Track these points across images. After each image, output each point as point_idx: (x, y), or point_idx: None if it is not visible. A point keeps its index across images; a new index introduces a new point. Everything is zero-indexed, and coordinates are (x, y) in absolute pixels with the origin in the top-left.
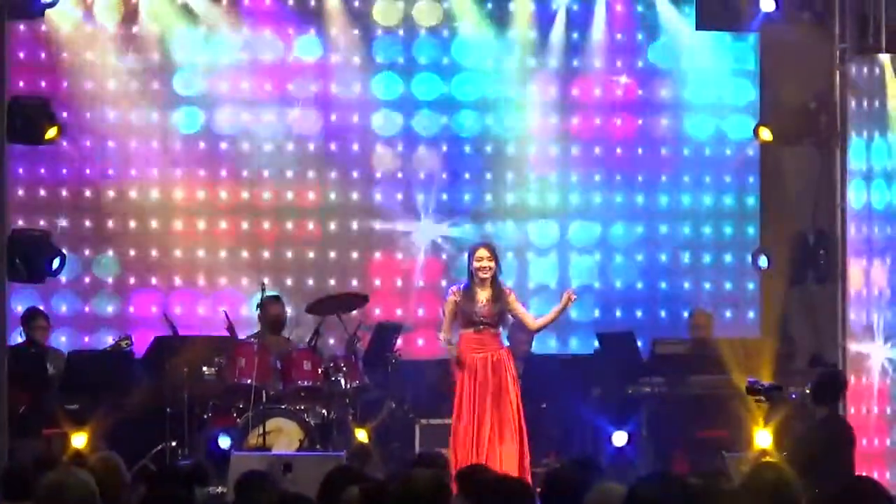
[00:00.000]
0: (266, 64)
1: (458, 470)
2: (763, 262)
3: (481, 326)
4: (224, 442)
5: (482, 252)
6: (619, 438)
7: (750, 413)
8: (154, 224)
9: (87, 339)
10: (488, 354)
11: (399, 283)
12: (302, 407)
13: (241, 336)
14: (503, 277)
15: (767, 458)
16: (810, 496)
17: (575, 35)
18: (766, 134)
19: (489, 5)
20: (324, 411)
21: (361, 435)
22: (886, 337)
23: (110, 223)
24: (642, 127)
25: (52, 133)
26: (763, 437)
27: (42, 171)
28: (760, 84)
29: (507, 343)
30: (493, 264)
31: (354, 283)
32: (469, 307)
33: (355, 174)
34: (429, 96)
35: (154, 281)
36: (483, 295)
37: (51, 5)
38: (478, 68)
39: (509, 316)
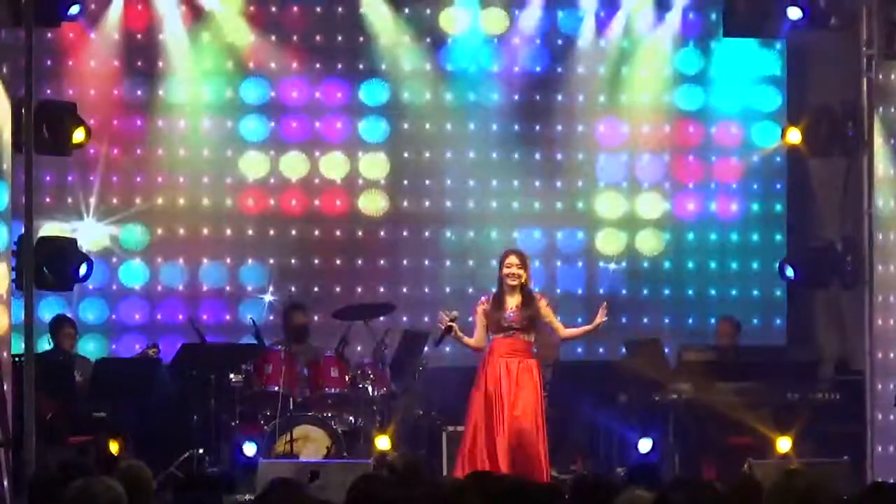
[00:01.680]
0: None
1: (469, 475)
2: (789, 270)
3: (511, 332)
4: (249, 449)
5: (511, 259)
6: (645, 445)
7: (772, 420)
8: (182, 231)
9: (114, 346)
10: (518, 360)
11: (426, 290)
12: (329, 414)
13: (268, 343)
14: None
15: (794, 465)
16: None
17: (602, 42)
18: (794, 135)
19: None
20: (351, 418)
21: (383, 441)
22: None
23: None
24: (669, 134)
25: (80, 137)
26: (783, 443)
27: (70, 178)
28: (787, 90)
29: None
30: (521, 271)
31: (382, 290)
32: (498, 314)
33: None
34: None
35: (181, 288)
36: (512, 301)
37: (77, 15)
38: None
39: (541, 323)
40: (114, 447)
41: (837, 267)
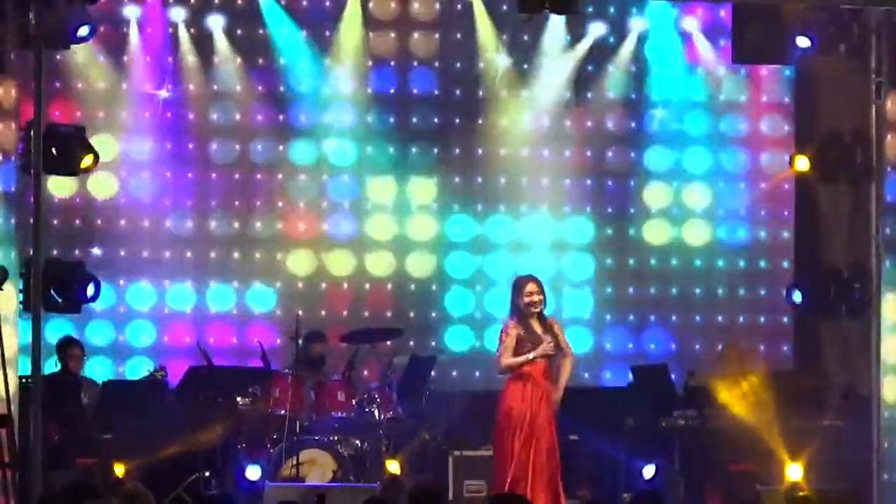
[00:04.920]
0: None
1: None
2: (797, 296)
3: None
4: (253, 473)
5: (532, 286)
6: (648, 472)
7: (782, 446)
8: (189, 254)
9: (121, 368)
10: (544, 386)
11: (433, 314)
12: (336, 438)
13: (275, 366)
14: None
15: (801, 493)
16: None
17: (610, 68)
18: (801, 163)
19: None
20: (357, 442)
21: (393, 466)
22: None
23: (144, 253)
24: (676, 159)
25: (87, 161)
26: (794, 471)
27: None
28: (796, 117)
29: None
30: (542, 297)
31: (389, 314)
32: (532, 340)
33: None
34: None
35: (188, 311)
36: (536, 327)
37: (87, 38)
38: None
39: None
40: (121, 470)
41: (845, 294)
